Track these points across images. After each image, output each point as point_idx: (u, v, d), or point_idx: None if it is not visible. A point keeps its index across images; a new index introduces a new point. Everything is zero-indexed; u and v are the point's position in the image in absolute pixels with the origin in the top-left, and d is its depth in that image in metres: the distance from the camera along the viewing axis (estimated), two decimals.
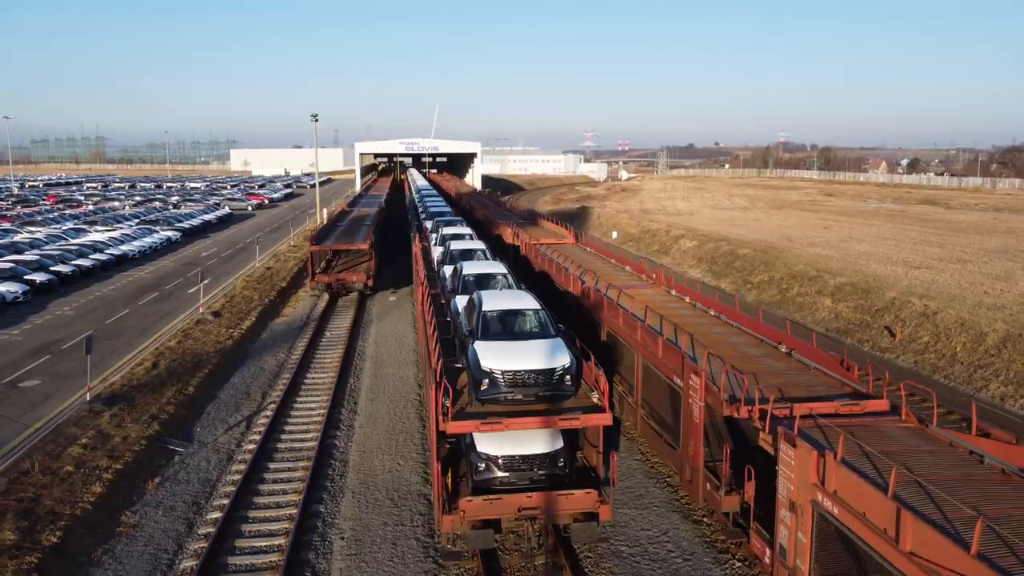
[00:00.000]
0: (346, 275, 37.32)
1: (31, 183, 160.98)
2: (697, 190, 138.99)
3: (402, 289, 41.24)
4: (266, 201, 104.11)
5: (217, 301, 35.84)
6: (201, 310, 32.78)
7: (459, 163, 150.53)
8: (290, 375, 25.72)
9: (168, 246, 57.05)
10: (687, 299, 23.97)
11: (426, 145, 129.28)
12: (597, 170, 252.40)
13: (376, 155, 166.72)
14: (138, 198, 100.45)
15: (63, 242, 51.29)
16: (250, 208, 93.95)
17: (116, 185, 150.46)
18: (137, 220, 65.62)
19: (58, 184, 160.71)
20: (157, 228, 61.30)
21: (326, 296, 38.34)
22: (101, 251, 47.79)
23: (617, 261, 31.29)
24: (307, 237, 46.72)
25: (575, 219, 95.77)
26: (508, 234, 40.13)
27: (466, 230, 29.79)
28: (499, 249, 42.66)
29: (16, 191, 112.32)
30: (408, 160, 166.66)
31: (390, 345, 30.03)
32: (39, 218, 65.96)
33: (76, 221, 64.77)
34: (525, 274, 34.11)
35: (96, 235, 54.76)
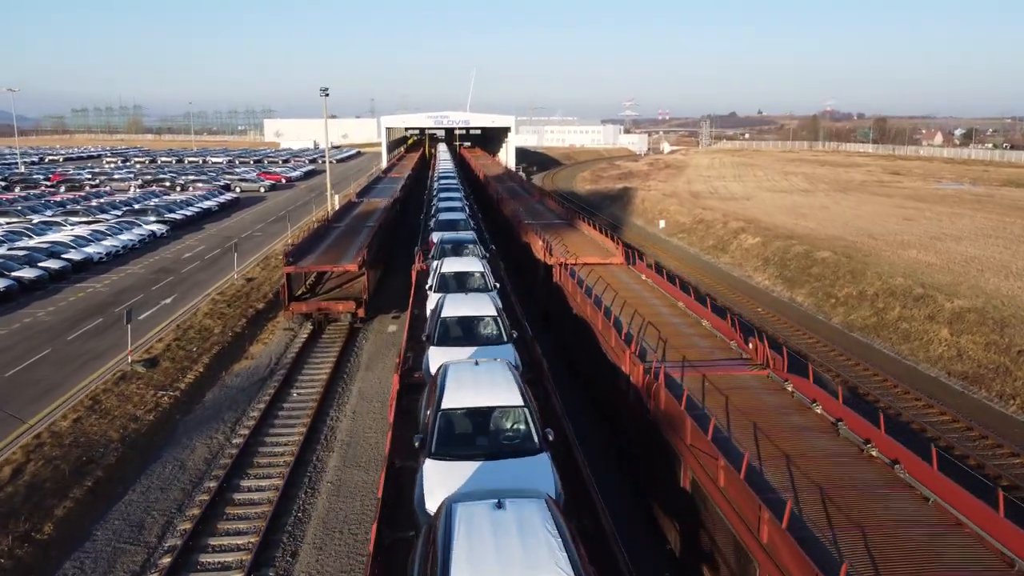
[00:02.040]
0: (330, 304, 29.25)
1: (51, 156, 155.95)
2: (748, 167, 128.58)
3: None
4: (283, 180, 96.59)
5: (164, 337, 28.01)
6: (130, 359, 24.91)
7: (493, 137, 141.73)
8: (216, 484, 17.79)
9: (148, 244, 49.54)
10: (818, 407, 15.04)
11: (456, 119, 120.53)
12: (638, 142, 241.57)
13: (407, 128, 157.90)
14: (148, 176, 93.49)
15: (23, 241, 44.06)
16: (262, 190, 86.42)
17: (137, 160, 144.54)
18: (125, 209, 58.25)
19: (79, 158, 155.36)
20: (141, 220, 53.83)
21: (308, 324, 30.34)
22: (57, 255, 40.34)
23: (687, 306, 22.41)
24: (295, 240, 38.74)
25: (617, 202, 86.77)
26: (538, 246, 31.70)
27: (476, 266, 21.24)
28: (528, 267, 34.38)
29: (23, 168, 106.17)
30: (440, 133, 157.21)
31: (372, 418, 21.92)
32: (19, 206, 58.99)
33: (55, 211, 57.62)
34: (558, 317, 25.79)
35: (66, 231, 47.47)
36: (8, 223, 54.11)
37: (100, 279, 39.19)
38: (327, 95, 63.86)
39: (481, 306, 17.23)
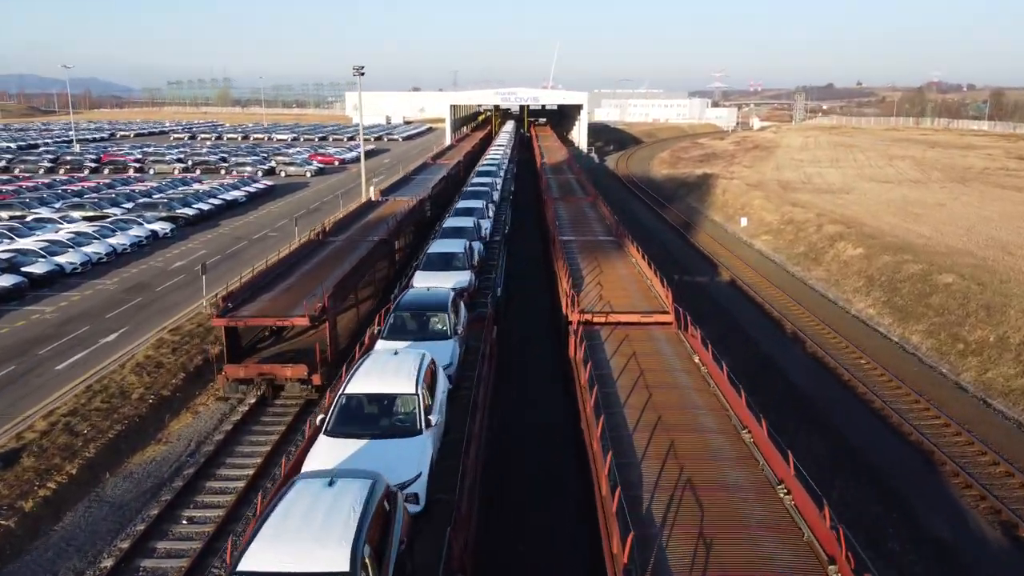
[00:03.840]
0: (275, 368, 22.00)
1: (123, 132, 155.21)
2: (846, 148, 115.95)
3: None
4: (335, 163, 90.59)
5: (57, 408, 21.34)
6: None
7: (568, 113, 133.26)
8: None
9: (145, 246, 43.61)
10: None
11: (524, 96, 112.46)
12: (725, 116, 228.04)
13: (481, 104, 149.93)
14: (197, 158, 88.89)
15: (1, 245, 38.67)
16: (308, 174, 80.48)
17: (203, 136, 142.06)
18: (135, 202, 52.60)
19: (150, 133, 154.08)
20: (147, 217, 48.09)
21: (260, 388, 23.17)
22: (18, 268, 34.50)
23: (759, 446, 13.82)
24: (315, 233, 31.67)
25: (694, 192, 77.26)
26: (564, 284, 23.77)
27: (405, 384, 12.31)
28: (558, 306, 26.50)
29: (77, 147, 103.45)
30: (516, 109, 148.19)
31: None
32: (27, 197, 54.14)
33: (64, 203, 52.44)
34: (576, 413, 17.84)
35: (47, 233, 42.00)
36: (11, 217, 49.49)
37: (58, 299, 33.20)
38: (362, 74, 57.17)
39: (327, 532, 8.31)
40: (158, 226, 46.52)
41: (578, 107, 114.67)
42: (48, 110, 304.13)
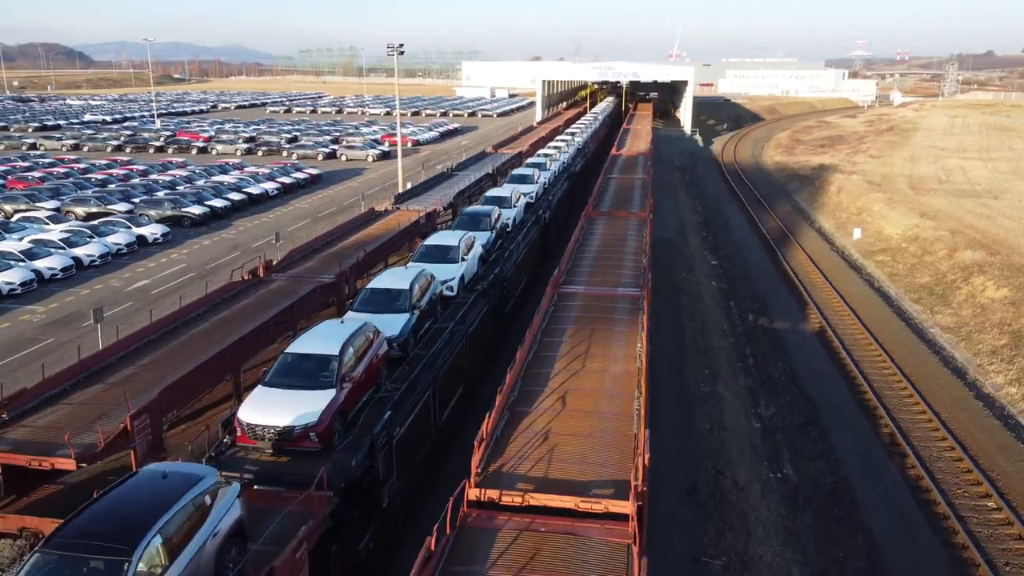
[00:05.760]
0: (45, 522, 14.70)
1: (224, 104, 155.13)
2: (1001, 132, 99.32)
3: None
4: (408, 144, 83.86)
5: None
6: None
7: (678, 88, 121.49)
8: None
9: (119, 256, 37.93)
10: None
11: (622, 70, 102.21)
12: (862, 88, 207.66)
13: (589, 80, 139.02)
14: (272, 135, 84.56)
15: None
16: (370, 159, 74.14)
17: (299, 110, 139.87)
18: (141, 199, 47.13)
19: (251, 106, 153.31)
20: (145, 216, 42.66)
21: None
22: None
23: None
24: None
25: (805, 189, 65.83)
26: (491, 417, 15.40)
27: None
28: None
29: (158, 124, 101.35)
30: (625, 83, 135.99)
31: None
32: (43, 188, 49.85)
33: (68, 198, 47.59)
34: None
35: (20, 236, 37.05)
36: (14, 211, 45.32)
37: None
38: (402, 52, 49.70)
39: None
40: (149, 230, 40.81)
41: (685, 83, 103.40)
42: (180, 78, 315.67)
